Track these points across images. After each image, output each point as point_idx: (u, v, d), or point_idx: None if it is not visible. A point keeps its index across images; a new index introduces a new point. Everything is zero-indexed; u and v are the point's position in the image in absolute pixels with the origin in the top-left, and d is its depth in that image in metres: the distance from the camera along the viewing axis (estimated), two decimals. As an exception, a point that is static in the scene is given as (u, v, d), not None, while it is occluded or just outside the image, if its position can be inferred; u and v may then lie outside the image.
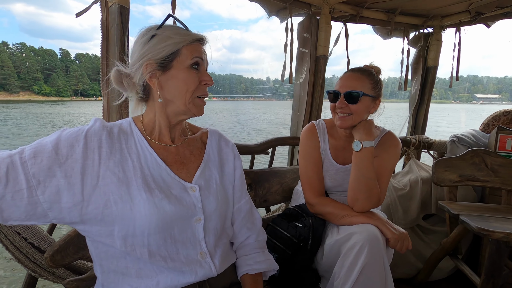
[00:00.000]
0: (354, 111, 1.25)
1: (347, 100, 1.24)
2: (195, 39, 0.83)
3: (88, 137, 0.74)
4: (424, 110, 2.42)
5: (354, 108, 1.24)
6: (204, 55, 0.86)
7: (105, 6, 1.27)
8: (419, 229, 1.94)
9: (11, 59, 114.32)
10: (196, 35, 0.84)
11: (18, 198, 0.65)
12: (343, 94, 1.24)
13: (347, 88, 1.24)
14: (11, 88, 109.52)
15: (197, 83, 0.83)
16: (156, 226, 0.75)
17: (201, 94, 0.85)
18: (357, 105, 1.24)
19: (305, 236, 1.26)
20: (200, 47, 0.85)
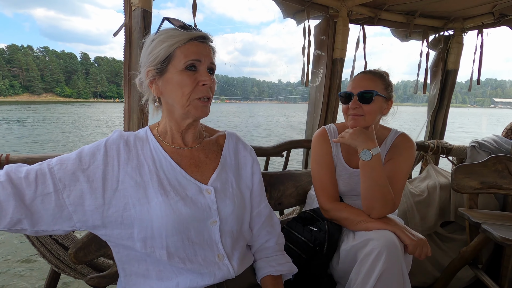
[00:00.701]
0: (367, 112, 1.23)
1: (360, 100, 1.23)
2: (189, 38, 0.80)
3: (108, 146, 0.80)
4: (443, 114, 2.36)
5: (368, 108, 1.23)
6: (204, 54, 0.81)
7: (128, 10, 1.30)
8: (436, 237, 1.89)
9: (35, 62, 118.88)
10: (191, 34, 0.80)
11: (47, 201, 0.70)
12: (356, 95, 1.23)
13: (360, 88, 1.23)
14: (35, 90, 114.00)
15: (193, 84, 0.80)
16: (172, 228, 0.78)
17: (200, 96, 0.81)
18: (371, 105, 1.22)
19: (320, 240, 1.25)
20: (199, 46, 0.80)
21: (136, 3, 1.26)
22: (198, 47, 0.81)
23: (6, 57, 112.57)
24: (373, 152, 1.16)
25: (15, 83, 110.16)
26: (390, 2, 1.98)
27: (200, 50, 0.81)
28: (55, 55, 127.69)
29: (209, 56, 0.82)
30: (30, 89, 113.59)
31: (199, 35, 0.81)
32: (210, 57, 0.83)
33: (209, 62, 0.82)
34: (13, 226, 0.69)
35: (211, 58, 0.83)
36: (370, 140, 1.19)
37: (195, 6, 1.40)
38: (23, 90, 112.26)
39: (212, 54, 0.84)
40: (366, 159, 1.17)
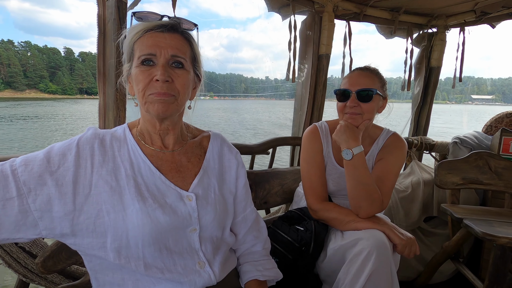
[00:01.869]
0: (365, 110, 1.18)
1: (359, 98, 1.17)
2: (144, 30, 0.71)
3: (80, 145, 0.71)
4: (427, 111, 2.36)
5: (366, 107, 1.17)
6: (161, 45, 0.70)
7: (102, 1, 1.20)
8: (420, 232, 1.89)
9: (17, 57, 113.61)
10: (146, 24, 0.71)
11: (9, 206, 0.61)
12: (354, 93, 1.17)
13: (359, 86, 1.17)
14: (17, 86, 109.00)
15: (146, 80, 0.70)
16: (150, 237, 0.71)
17: (152, 91, 0.71)
18: (370, 104, 1.17)
19: (307, 240, 1.21)
20: (156, 37, 0.71)
21: (110, -7, 1.16)
22: (155, 38, 0.71)
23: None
24: (355, 151, 1.13)
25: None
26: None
27: (157, 42, 0.70)
28: (38, 50, 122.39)
29: (170, 47, 0.71)
30: (12, 85, 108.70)
31: (156, 24, 0.71)
32: (172, 47, 0.71)
33: (169, 54, 0.71)
34: None
35: (174, 48, 0.71)
36: (352, 139, 1.15)
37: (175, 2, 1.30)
38: (5, 87, 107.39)
39: (178, 44, 0.72)
40: (347, 158, 1.14)
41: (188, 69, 0.75)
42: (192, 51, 0.76)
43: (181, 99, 0.74)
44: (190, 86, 0.76)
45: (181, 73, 0.72)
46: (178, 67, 0.73)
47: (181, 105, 0.76)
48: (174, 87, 0.72)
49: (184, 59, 0.73)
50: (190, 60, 0.75)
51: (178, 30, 0.74)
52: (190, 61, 0.75)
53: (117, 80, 1.17)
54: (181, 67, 0.73)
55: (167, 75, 0.70)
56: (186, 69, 0.74)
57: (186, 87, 0.74)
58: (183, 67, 0.73)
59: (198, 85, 0.83)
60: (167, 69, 0.70)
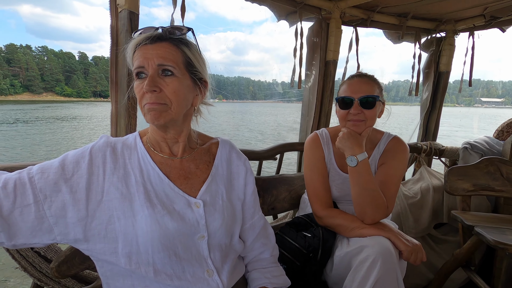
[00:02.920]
0: (368, 117, 1.18)
1: (362, 105, 1.17)
2: (135, 45, 0.72)
3: (93, 153, 0.73)
4: (436, 116, 2.32)
5: (369, 113, 1.17)
6: (148, 57, 0.70)
7: (114, 12, 1.22)
8: (430, 239, 1.84)
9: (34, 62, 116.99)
10: (135, 40, 0.72)
11: (26, 213, 0.64)
12: (358, 100, 1.17)
13: (362, 93, 1.16)
14: (35, 89, 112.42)
15: (141, 92, 0.72)
16: (159, 243, 0.72)
17: (145, 102, 0.72)
18: (373, 111, 1.17)
19: (314, 246, 1.20)
20: (144, 49, 0.71)
21: (122, 5, 1.18)
22: (143, 51, 0.71)
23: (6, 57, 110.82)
24: (359, 158, 1.12)
25: (15, 83, 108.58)
26: (382, 4, 1.92)
27: (145, 54, 0.71)
28: (54, 55, 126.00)
29: (156, 56, 0.70)
30: (30, 88, 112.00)
31: (142, 38, 0.72)
32: (158, 57, 0.70)
33: (156, 64, 0.70)
34: None
35: (160, 58, 0.70)
36: (357, 146, 1.14)
37: (184, 8, 1.32)
38: (23, 90, 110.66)
39: (165, 52, 0.71)
40: (352, 165, 1.13)
41: (180, 76, 0.73)
42: (185, 57, 0.74)
43: (175, 106, 0.73)
44: (185, 93, 0.74)
45: (171, 81, 0.71)
46: (168, 75, 0.72)
47: (177, 113, 0.74)
48: (163, 96, 0.71)
49: (172, 67, 0.71)
50: (183, 66, 0.73)
51: (166, 39, 0.73)
52: (183, 67, 0.74)
53: (128, 88, 1.19)
54: (170, 75, 0.72)
55: (152, 85, 0.69)
56: (176, 76, 0.72)
57: (177, 94, 0.72)
58: (173, 75, 0.72)
59: (202, 90, 0.80)
60: (155, 79, 0.70)
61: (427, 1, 1.87)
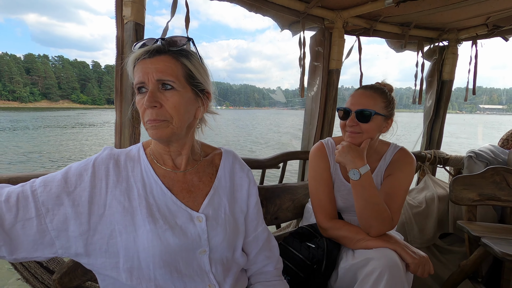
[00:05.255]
0: (364, 130, 1.12)
1: (358, 118, 1.12)
2: (134, 60, 0.69)
3: (96, 165, 0.70)
4: (440, 124, 2.24)
5: (365, 127, 1.12)
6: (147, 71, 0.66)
7: (120, 23, 1.20)
8: (435, 249, 1.76)
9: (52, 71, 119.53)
10: (134, 54, 0.68)
11: (28, 226, 0.61)
12: (354, 112, 1.12)
13: (359, 106, 1.12)
14: (52, 97, 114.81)
15: (142, 107, 0.68)
16: (160, 259, 0.68)
17: (147, 118, 0.68)
18: (369, 124, 1.12)
19: (318, 258, 1.14)
20: (143, 64, 0.67)
21: (128, 16, 1.16)
22: (143, 65, 0.68)
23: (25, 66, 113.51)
24: (362, 171, 1.06)
25: (34, 90, 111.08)
26: (385, 14, 1.88)
27: (144, 69, 0.67)
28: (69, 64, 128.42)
29: (155, 71, 0.66)
30: (48, 96, 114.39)
31: (141, 52, 0.68)
32: (157, 71, 0.66)
33: (155, 79, 0.66)
34: None
35: (159, 73, 0.66)
36: (358, 158, 1.08)
37: (188, 18, 1.29)
38: (42, 97, 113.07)
39: (164, 66, 0.67)
40: (355, 179, 1.07)
41: (180, 89, 0.68)
42: (185, 69, 0.69)
43: (176, 121, 0.69)
44: (186, 106, 0.70)
45: (171, 95, 0.67)
46: (168, 89, 0.68)
47: (179, 127, 0.70)
48: (164, 112, 0.67)
49: (171, 81, 0.67)
50: (184, 78, 0.69)
51: (165, 51, 0.68)
52: (184, 79, 0.69)
53: (133, 99, 1.17)
54: (170, 89, 0.68)
55: (152, 100, 0.66)
56: (177, 90, 0.68)
57: (178, 109, 0.68)
58: (173, 88, 0.68)
59: (203, 102, 0.75)
60: (155, 94, 0.66)
61: (429, 11, 1.82)
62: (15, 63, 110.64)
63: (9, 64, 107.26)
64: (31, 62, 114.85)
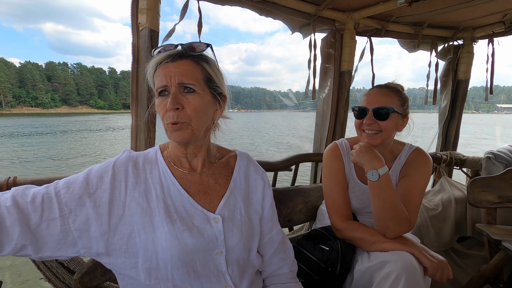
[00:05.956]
0: (383, 128, 1.09)
1: (375, 116, 1.09)
2: (156, 64, 0.71)
3: (116, 167, 0.72)
4: (456, 125, 2.16)
5: (384, 124, 1.09)
6: (170, 75, 0.68)
7: (136, 30, 1.22)
8: (453, 253, 1.69)
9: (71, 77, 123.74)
10: (156, 59, 0.71)
11: (52, 226, 0.63)
12: (371, 110, 1.10)
13: (376, 104, 1.09)
14: (72, 103, 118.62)
15: (164, 109, 0.70)
16: (178, 260, 0.68)
17: (168, 121, 0.69)
18: (387, 122, 1.09)
19: (333, 260, 1.11)
20: (165, 68, 0.69)
21: (143, 24, 1.18)
22: (165, 69, 0.69)
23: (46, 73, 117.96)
24: (380, 172, 1.03)
25: (55, 97, 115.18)
26: (397, 14, 1.84)
27: (167, 72, 0.69)
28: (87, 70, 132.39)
29: (177, 74, 0.68)
30: (68, 101, 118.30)
31: (163, 56, 0.70)
32: (179, 75, 0.68)
33: (177, 82, 0.68)
34: (17, 251, 0.61)
35: (181, 76, 0.68)
36: (376, 159, 1.05)
37: (200, 24, 1.30)
38: (62, 103, 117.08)
39: (185, 70, 0.69)
40: (373, 179, 1.04)
41: (201, 92, 0.70)
42: (205, 73, 0.72)
43: (196, 123, 0.70)
44: (206, 109, 0.72)
45: (192, 98, 0.69)
46: (189, 92, 0.70)
47: (198, 129, 0.71)
48: (185, 114, 0.69)
49: (193, 84, 0.69)
50: (203, 82, 0.71)
51: (187, 56, 0.71)
52: (203, 83, 0.71)
53: (148, 103, 1.18)
54: (192, 92, 0.70)
55: (175, 102, 0.68)
56: (197, 92, 0.70)
57: (198, 111, 0.70)
58: (194, 91, 0.70)
59: (220, 105, 0.77)
60: (178, 97, 0.68)
61: (443, 10, 1.76)
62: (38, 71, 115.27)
63: (32, 72, 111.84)
64: (52, 69, 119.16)
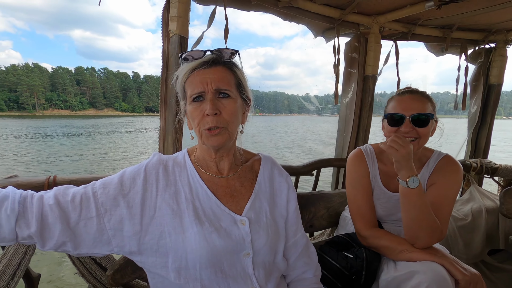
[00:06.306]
0: (422, 135, 1.05)
1: (414, 123, 1.05)
2: (191, 69, 0.72)
3: (147, 170, 0.74)
4: (487, 131, 2.04)
5: (422, 131, 1.05)
6: (207, 81, 0.70)
7: (166, 37, 1.26)
8: (484, 266, 1.60)
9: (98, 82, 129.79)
10: (191, 65, 0.72)
11: (89, 225, 0.66)
12: (409, 118, 1.05)
13: (414, 110, 1.05)
14: (98, 106, 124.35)
15: (200, 116, 0.71)
16: (206, 260, 0.69)
17: (205, 127, 0.71)
18: (426, 128, 1.05)
19: (357, 268, 1.08)
20: (202, 74, 0.71)
21: (174, 30, 1.22)
22: (201, 75, 0.71)
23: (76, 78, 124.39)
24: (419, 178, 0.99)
25: (83, 100, 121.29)
26: (425, 17, 1.77)
27: (203, 79, 0.71)
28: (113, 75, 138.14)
29: (214, 81, 0.70)
30: (94, 104, 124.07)
31: (198, 63, 0.72)
32: (217, 82, 0.70)
33: (214, 88, 0.70)
34: (58, 248, 0.65)
35: (218, 82, 0.70)
36: (413, 166, 1.00)
37: (227, 30, 1.33)
38: (89, 106, 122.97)
39: (221, 76, 0.71)
40: (413, 186, 0.98)
41: (235, 97, 0.73)
42: (236, 78, 0.75)
43: (231, 127, 0.73)
44: (238, 113, 0.75)
45: (228, 103, 0.72)
46: (225, 97, 0.72)
47: (233, 133, 0.75)
48: (222, 119, 0.71)
49: (228, 90, 0.72)
50: (235, 87, 0.74)
51: (220, 62, 0.73)
52: (235, 88, 0.74)
53: (177, 107, 1.21)
54: (227, 97, 0.72)
55: (215, 108, 0.69)
56: (232, 98, 0.73)
57: (234, 116, 0.73)
58: (230, 96, 0.73)
59: (247, 109, 0.81)
60: (215, 102, 0.70)
61: (474, 12, 1.68)
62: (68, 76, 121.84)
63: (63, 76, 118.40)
64: (80, 74, 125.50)
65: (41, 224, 0.62)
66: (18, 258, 0.88)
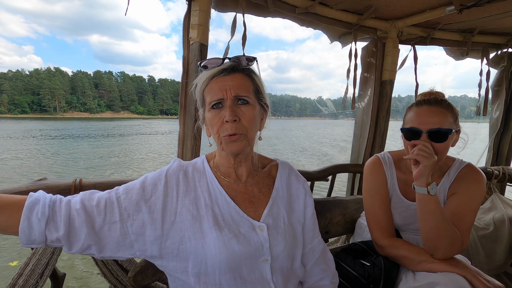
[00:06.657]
0: (439, 150, 0.99)
1: (431, 138, 0.98)
2: (210, 77, 0.72)
3: (168, 176, 0.75)
4: (510, 137, 1.96)
5: (440, 146, 0.98)
6: (226, 88, 0.70)
7: (187, 44, 1.28)
8: (507, 278, 1.52)
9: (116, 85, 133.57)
10: (210, 72, 0.72)
11: (113, 229, 0.67)
12: (426, 133, 0.98)
13: (431, 125, 0.98)
14: (115, 108, 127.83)
15: (219, 122, 0.71)
16: (226, 266, 0.69)
17: (224, 134, 0.71)
18: (445, 144, 0.98)
19: (375, 277, 1.05)
20: (220, 81, 0.71)
21: (194, 38, 1.24)
22: (220, 83, 0.71)
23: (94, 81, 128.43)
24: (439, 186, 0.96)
25: (101, 103, 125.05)
26: (444, 21, 1.72)
27: (221, 86, 0.71)
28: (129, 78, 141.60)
29: (233, 88, 0.71)
30: (111, 107, 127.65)
31: (217, 70, 0.72)
32: (235, 88, 0.71)
33: (233, 95, 0.70)
34: (83, 250, 0.66)
35: (237, 89, 0.71)
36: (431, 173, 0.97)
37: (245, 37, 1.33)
38: (106, 108, 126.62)
39: (240, 83, 0.72)
40: (434, 193, 0.94)
41: (253, 103, 0.74)
42: (254, 85, 0.75)
43: (250, 134, 0.73)
44: (257, 119, 0.75)
45: (247, 110, 0.72)
46: (244, 104, 0.72)
47: (252, 139, 0.75)
48: (241, 126, 0.71)
49: (247, 96, 0.72)
50: (253, 93, 0.74)
51: (239, 69, 0.74)
52: (254, 94, 0.74)
53: (196, 113, 1.23)
54: (246, 103, 0.73)
55: (234, 114, 0.70)
56: (251, 104, 0.73)
57: (252, 122, 0.73)
58: (248, 103, 0.73)
59: (265, 115, 0.81)
60: (234, 109, 0.70)
61: (497, 16, 1.62)
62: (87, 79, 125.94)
63: (82, 80, 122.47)
64: (99, 77, 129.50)
65: (68, 228, 0.64)
66: (46, 257, 0.91)
